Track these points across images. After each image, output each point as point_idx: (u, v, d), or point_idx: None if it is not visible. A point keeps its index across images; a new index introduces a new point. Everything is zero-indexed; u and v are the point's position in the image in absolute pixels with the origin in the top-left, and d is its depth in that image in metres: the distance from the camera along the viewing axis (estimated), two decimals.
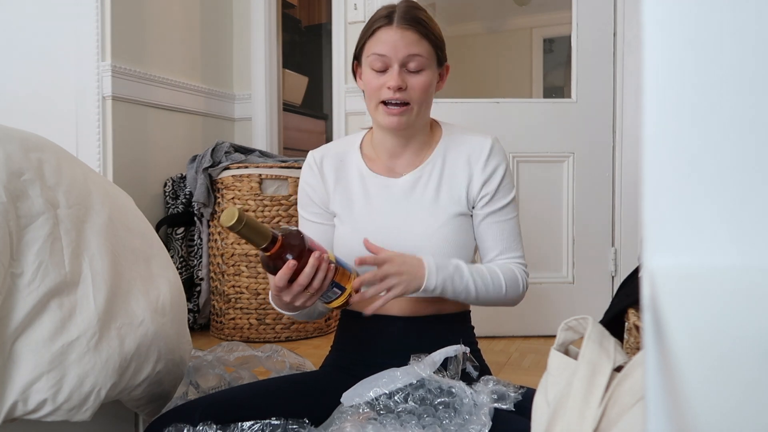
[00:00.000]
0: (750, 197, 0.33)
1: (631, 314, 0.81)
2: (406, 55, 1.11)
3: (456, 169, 1.21)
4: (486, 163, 1.19)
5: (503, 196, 1.20)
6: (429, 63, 1.14)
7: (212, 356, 1.39)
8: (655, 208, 0.34)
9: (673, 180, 0.33)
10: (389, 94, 1.12)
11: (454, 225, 1.18)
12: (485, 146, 1.20)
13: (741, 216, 0.33)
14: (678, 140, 0.33)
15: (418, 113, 1.16)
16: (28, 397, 0.87)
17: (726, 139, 0.33)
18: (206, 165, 2.48)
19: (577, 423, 0.59)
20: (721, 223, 0.33)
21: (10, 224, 0.86)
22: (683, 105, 0.33)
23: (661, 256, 0.33)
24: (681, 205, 0.33)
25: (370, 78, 1.14)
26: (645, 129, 0.34)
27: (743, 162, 0.33)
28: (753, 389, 0.19)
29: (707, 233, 0.33)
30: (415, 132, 1.21)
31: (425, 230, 1.17)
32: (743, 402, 0.18)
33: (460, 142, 1.23)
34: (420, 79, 1.14)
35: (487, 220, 1.19)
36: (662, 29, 0.33)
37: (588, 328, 0.66)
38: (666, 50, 0.33)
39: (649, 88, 0.33)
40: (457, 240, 1.18)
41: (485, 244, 1.20)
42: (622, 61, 2.42)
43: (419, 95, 1.14)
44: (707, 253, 0.33)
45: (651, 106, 0.33)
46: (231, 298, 2.43)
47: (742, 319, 0.26)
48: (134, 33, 2.47)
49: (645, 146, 0.34)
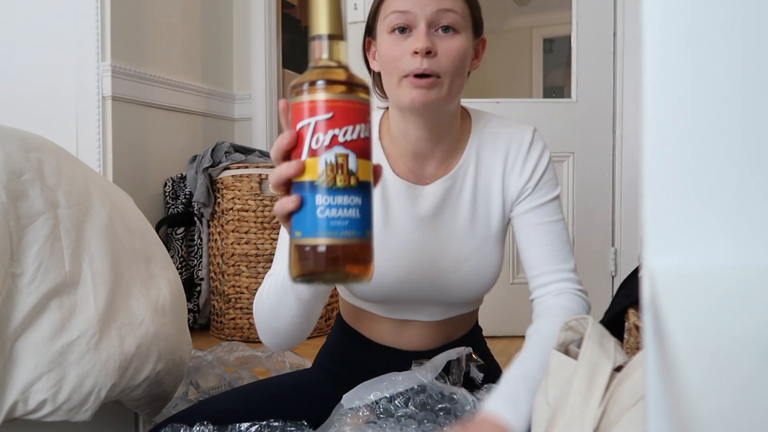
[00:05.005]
0: (749, 197, 0.33)
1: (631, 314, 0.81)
2: (436, 10, 0.87)
3: (492, 173, 0.98)
4: (527, 155, 0.98)
5: (547, 192, 0.98)
6: (464, 24, 0.90)
7: (212, 356, 1.39)
8: (655, 208, 0.34)
9: (673, 180, 0.33)
10: (415, 63, 0.86)
11: (491, 244, 0.99)
12: (525, 137, 0.99)
13: (740, 216, 0.33)
14: (678, 140, 0.33)
15: (450, 90, 0.90)
16: (28, 397, 0.87)
17: (726, 139, 0.33)
18: (206, 165, 2.48)
19: (577, 423, 0.59)
20: (720, 223, 0.33)
21: (10, 224, 0.86)
22: (683, 105, 0.33)
23: (661, 256, 0.33)
24: (681, 205, 0.33)
25: (388, 46, 0.89)
26: (645, 129, 0.34)
27: (743, 162, 0.33)
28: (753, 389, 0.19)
29: (707, 233, 0.33)
30: (448, 124, 0.97)
31: (458, 255, 0.97)
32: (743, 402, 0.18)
33: (494, 135, 1.00)
34: (453, 43, 0.89)
35: (528, 219, 0.97)
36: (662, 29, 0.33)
37: (588, 328, 0.66)
38: (666, 50, 0.33)
39: (649, 88, 0.33)
40: (493, 262, 0.99)
41: (528, 253, 0.96)
42: (622, 61, 2.42)
43: (452, 64, 0.88)
44: (707, 253, 0.33)
45: (651, 106, 0.33)
46: (231, 298, 2.43)
47: (742, 319, 0.26)
48: (134, 33, 2.47)
49: (645, 146, 0.34)
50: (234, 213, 2.42)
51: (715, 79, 0.33)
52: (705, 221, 0.33)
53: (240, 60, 3.09)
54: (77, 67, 2.33)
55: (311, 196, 0.58)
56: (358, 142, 0.59)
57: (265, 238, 2.41)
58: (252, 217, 2.41)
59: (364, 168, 0.60)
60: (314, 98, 0.59)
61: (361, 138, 0.59)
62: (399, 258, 0.96)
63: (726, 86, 0.33)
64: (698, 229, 0.33)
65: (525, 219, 0.97)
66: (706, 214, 0.33)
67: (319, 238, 0.58)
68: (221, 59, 3.02)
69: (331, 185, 0.58)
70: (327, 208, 0.58)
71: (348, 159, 0.58)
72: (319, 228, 0.58)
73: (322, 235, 0.58)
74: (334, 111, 0.58)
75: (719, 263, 0.33)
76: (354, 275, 0.60)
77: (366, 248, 0.60)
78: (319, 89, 0.59)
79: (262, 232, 2.41)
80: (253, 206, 2.40)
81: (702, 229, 0.33)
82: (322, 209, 0.58)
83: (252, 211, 2.40)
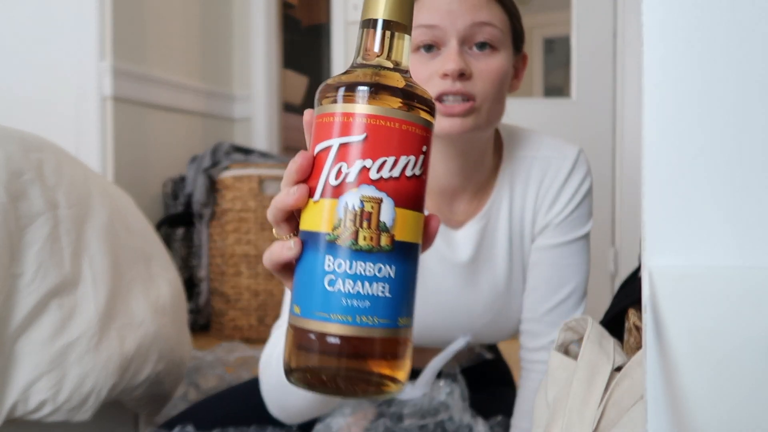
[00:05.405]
0: (750, 197, 0.33)
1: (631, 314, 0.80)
2: (470, 24, 0.72)
3: (526, 205, 0.84)
4: (563, 185, 0.83)
5: (574, 228, 0.83)
6: (503, 40, 0.75)
7: (212, 356, 1.39)
8: (655, 208, 0.34)
9: (673, 180, 0.33)
10: (445, 85, 0.71)
11: (522, 285, 0.86)
12: (564, 163, 0.83)
13: (741, 216, 0.33)
14: (678, 140, 0.33)
15: (488, 117, 0.75)
16: (29, 397, 0.87)
17: (726, 139, 0.33)
18: (206, 165, 2.48)
19: (577, 423, 0.59)
20: (720, 223, 0.33)
21: (10, 224, 0.86)
22: (683, 105, 0.33)
23: (661, 256, 0.33)
24: (681, 205, 0.33)
25: (412, 68, 0.71)
26: (645, 129, 0.34)
27: (743, 162, 0.33)
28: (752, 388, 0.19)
29: (707, 233, 0.33)
30: (481, 154, 0.81)
31: (495, 302, 0.85)
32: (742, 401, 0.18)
33: (530, 161, 0.84)
34: (491, 63, 0.73)
35: (541, 257, 0.83)
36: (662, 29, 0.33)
37: (587, 328, 0.66)
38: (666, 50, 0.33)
39: (649, 88, 0.33)
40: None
41: (528, 298, 0.84)
42: (622, 61, 2.42)
43: (490, 88, 0.74)
44: (707, 253, 0.33)
45: (651, 106, 0.33)
46: (231, 299, 2.43)
47: (742, 319, 0.26)
48: (135, 33, 2.47)
49: (645, 146, 0.34)
50: (234, 213, 2.42)
51: (715, 79, 0.33)
52: (705, 221, 0.33)
53: (240, 60, 3.09)
54: (77, 66, 2.33)
55: (319, 257, 0.40)
56: (400, 182, 0.40)
57: (265, 239, 2.41)
58: (252, 217, 2.41)
59: (406, 222, 0.41)
60: (346, 110, 0.40)
61: (405, 177, 0.40)
62: (428, 305, 0.81)
63: (726, 86, 0.33)
64: (698, 229, 0.33)
65: (539, 256, 0.83)
66: (706, 214, 0.33)
67: (327, 324, 0.39)
68: (221, 59, 3.02)
69: (351, 244, 0.39)
70: (341, 279, 0.39)
71: (381, 207, 0.40)
72: (326, 307, 0.39)
73: (330, 319, 0.39)
74: (370, 132, 0.40)
75: (719, 263, 0.33)
76: (375, 386, 0.40)
77: (396, 344, 0.41)
78: (357, 97, 0.40)
79: (262, 232, 2.41)
80: (253, 207, 2.40)
81: (702, 229, 0.33)
82: (332, 278, 0.39)
83: (252, 212, 2.40)
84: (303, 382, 0.41)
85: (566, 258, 0.83)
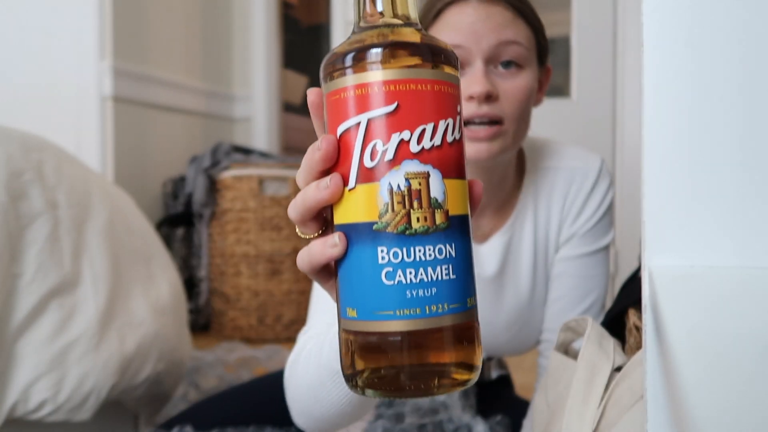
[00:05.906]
0: (749, 197, 0.33)
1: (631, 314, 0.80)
2: (496, 43, 0.70)
3: (551, 216, 0.84)
4: (588, 196, 0.83)
5: (596, 239, 0.83)
6: (529, 57, 0.74)
7: (212, 356, 1.39)
8: (655, 208, 0.34)
9: (673, 180, 0.33)
10: (471, 108, 0.70)
11: (545, 297, 0.87)
12: (589, 174, 0.83)
13: (740, 216, 0.33)
14: (678, 140, 0.33)
15: (515, 137, 0.75)
16: (29, 397, 0.87)
17: (725, 139, 0.33)
18: (206, 165, 2.48)
19: (577, 424, 0.59)
20: (720, 223, 0.33)
21: (10, 224, 0.86)
22: (683, 105, 0.33)
23: (661, 256, 0.33)
24: (681, 205, 0.33)
25: None
26: (645, 129, 0.34)
27: (742, 162, 0.33)
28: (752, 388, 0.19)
29: (707, 233, 0.33)
30: (505, 170, 0.81)
31: (519, 316, 0.85)
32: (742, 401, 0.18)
33: (554, 172, 0.84)
34: (518, 83, 0.72)
35: (568, 266, 0.83)
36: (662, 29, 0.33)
37: (587, 328, 0.66)
38: (666, 50, 0.33)
39: (649, 88, 0.33)
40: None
41: (549, 309, 0.85)
42: (622, 61, 2.42)
43: (516, 108, 0.73)
44: (707, 253, 0.33)
45: (651, 106, 0.33)
46: (231, 299, 2.43)
47: (742, 319, 0.26)
48: (135, 33, 2.47)
49: (645, 146, 0.34)
50: (234, 213, 2.42)
51: (715, 79, 0.33)
52: (705, 221, 0.33)
53: (240, 60, 3.09)
54: (77, 66, 2.33)
55: (369, 250, 0.35)
56: (443, 150, 0.36)
57: (264, 239, 2.41)
58: (252, 217, 2.41)
59: (456, 193, 0.36)
60: (367, 79, 0.35)
61: (447, 143, 0.36)
62: None
63: (726, 86, 0.33)
64: (698, 229, 0.33)
65: (563, 266, 0.83)
66: (706, 214, 0.33)
67: (393, 321, 0.35)
68: (221, 59, 3.02)
69: (405, 229, 0.35)
70: (400, 269, 0.35)
71: (429, 181, 0.35)
72: (389, 303, 0.35)
73: (396, 316, 0.35)
74: (401, 100, 0.35)
75: (719, 263, 0.33)
76: (453, 378, 0.36)
77: (470, 328, 0.37)
78: (378, 62, 0.35)
79: (262, 232, 2.41)
80: (253, 207, 2.40)
81: (702, 229, 0.33)
82: (389, 271, 0.35)
83: (252, 212, 2.40)
84: (372, 388, 0.36)
85: (590, 268, 0.83)
